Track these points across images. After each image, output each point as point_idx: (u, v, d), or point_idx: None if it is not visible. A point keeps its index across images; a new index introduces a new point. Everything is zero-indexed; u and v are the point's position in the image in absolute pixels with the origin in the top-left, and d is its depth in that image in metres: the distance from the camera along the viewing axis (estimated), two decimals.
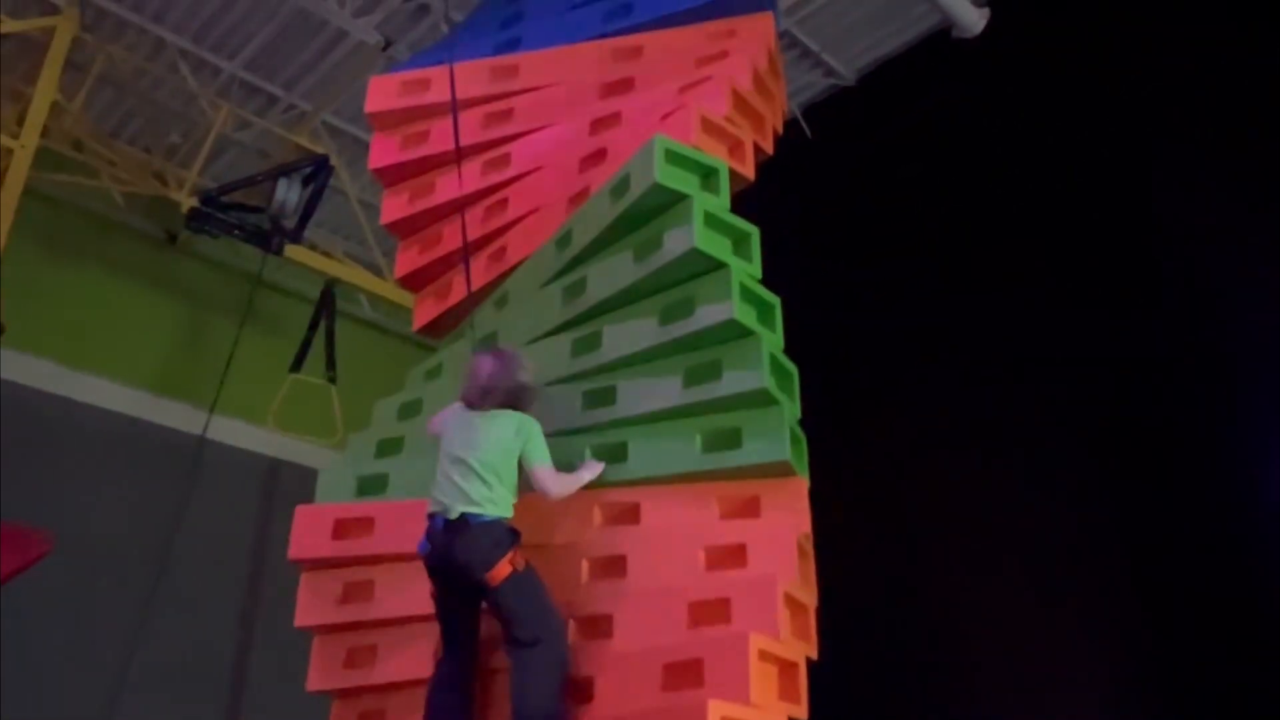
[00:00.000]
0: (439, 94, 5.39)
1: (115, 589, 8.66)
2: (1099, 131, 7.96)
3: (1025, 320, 7.95)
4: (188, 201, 9.01)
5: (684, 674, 3.61)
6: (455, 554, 3.83)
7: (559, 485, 4.04)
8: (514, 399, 4.10)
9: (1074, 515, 7.50)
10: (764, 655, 3.57)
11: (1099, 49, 8.03)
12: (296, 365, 9.44)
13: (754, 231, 4.35)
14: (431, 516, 3.94)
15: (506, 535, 3.87)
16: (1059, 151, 8.15)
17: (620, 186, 4.42)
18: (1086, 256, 7.85)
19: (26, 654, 7.90)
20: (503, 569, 3.79)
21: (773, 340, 4.18)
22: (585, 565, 4.08)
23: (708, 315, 4.10)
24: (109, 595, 8.62)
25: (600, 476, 4.17)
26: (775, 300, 4.28)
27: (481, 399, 4.08)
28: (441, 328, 5.36)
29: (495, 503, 3.89)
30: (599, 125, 5.00)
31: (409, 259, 5.47)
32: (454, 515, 3.86)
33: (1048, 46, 8.34)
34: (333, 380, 9.48)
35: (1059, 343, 7.78)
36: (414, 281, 5.50)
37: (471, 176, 5.20)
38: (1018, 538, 7.61)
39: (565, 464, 4.25)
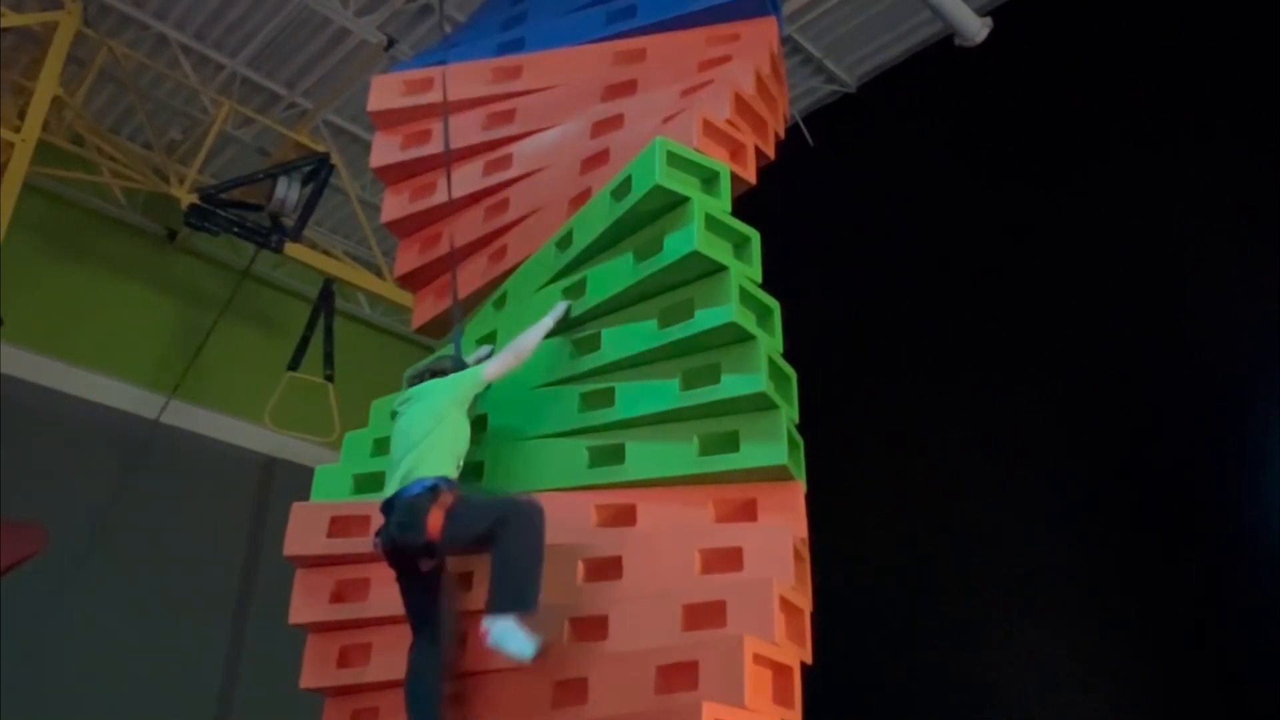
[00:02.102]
0: (441, 94, 5.40)
1: (110, 584, 8.65)
2: (1101, 140, 7.98)
3: (1025, 327, 7.96)
4: (187, 198, 9.01)
5: (678, 676, 3.59)
6: (394, 534, 3.88)
7: (520, 347, 4.26)
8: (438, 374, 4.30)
9: (1073, 520, 7.51)
10: (759, 659, 3.56)
11: (1101, 58, 8.06)
12: (295, 363, 9.44)
13: (754, 235, 4.35)
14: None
15: (427, 491, 3.84)
16: (1060, 160, 8.16)
17: (621, 188, 4.42)
18: (1088, 264, 7.86)
19: (22, 650, 7.88)
20: (435, 520, 3.78)
21: (771, 344, 4.18)
22: (581, 566, 4.06)
23: (707, 318, 4.10)
24: (103, 590, 8.61)
25: (599, 476, 4.18)
26: (775, 304, 4.28)
27: (410, 383, 4.34)
28: (440, 327, 5.35)
29: (424, 466, 3.93)
30: (601, 127, 5.00)
31: (409, 258, 5.47)
32: (388, 493, 3.94)
33: (1050, 56, 8.36)
34: (330, 379, 9.47)
35: (1060, 350, 7.80)
36: (413, 281, 5.50)
37: (473, 177, 5.21)
38: (1015, 543, 7.62)
39: (564, 468, 4.27)
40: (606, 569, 4.00)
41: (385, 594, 4.36)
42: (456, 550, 3.94)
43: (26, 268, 8.75)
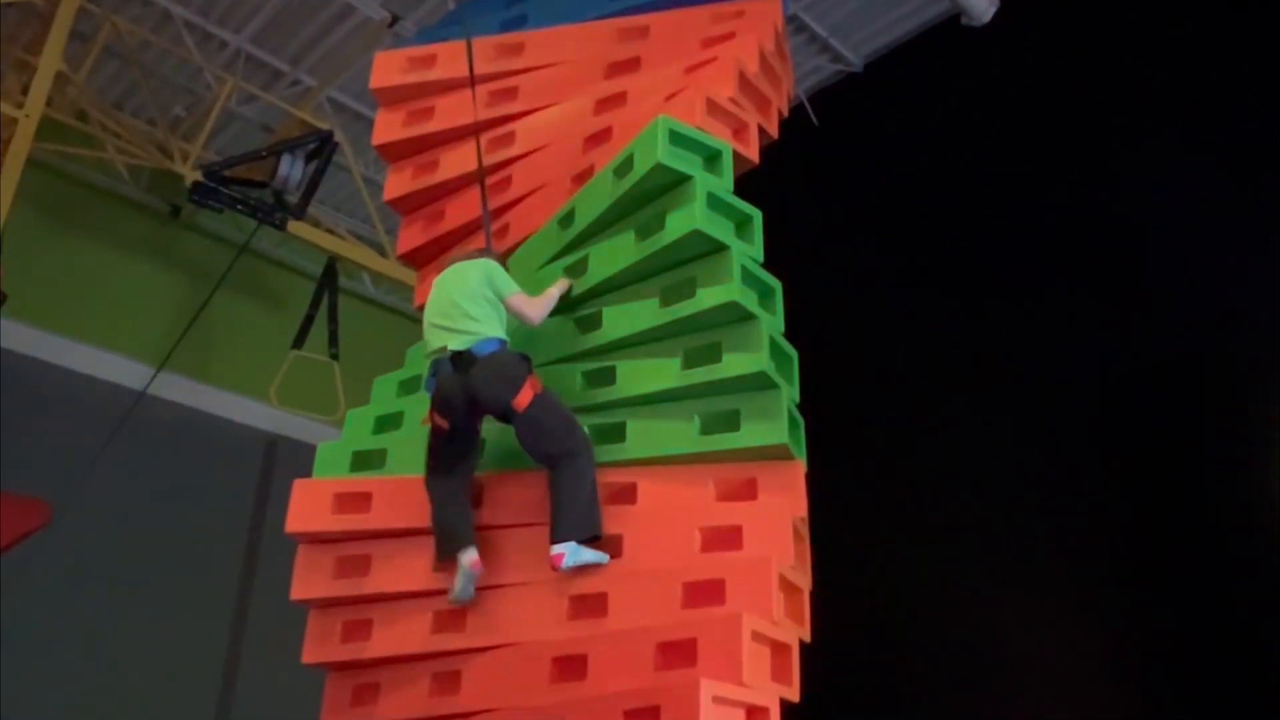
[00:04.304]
0: (444, 70, 5.38)
1: (113, 560, 8.69)
2: (1108, 122, 7.94)
3: (1029, 309, 7.95)
4: (191, 175, 8.99)
5: (677, 653, 3.62)
6: (475, 387, 4.02)
7: (536, 309, 4.27)
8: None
9: (1072, 498, 7.53)
10: (757, 636, 3.59)
11: (1109, 39, 8.01)
12: (299, 342, 9.44)
13: (756, 214, 4.34)
14: (436, 362, 4.15)
15: (519, 362, 4.08)
16: (1066, 141, 8.13)
17: (624, 166, 4.41)
18: (1093, 244, 7.84)
19: (23, 624, 7.92)
20: (526, 394, 3.97)
21: (773, 323, 4.18)
22: None
23: (708, 297, 4.10)
24: (106, 566, 8.64)
25: (599, 455, 4.19)
26: (776, 284, 4.28)
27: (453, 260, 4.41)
28: None
29: (487, 327, 4.11)
30: (604, 104, 4.99)
31: (411, 235, 5.47)
32: (456, 346, 4.07)
33: (1057, 36, 8.31)
34: (335, 356, 9.48)
35: (1063, 332, 7.79)
36: (416, 258, 5.50)
37: (474, 154, 5.19)
38: (1014, 523, 7.64)
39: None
40: (607, 547, 4.02)
41: (386, 570, 4.39)
42: (525, 437, 4.05)
43: (30, 243, 8.74)
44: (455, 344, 4.08)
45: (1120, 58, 7.92)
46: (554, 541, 3.92)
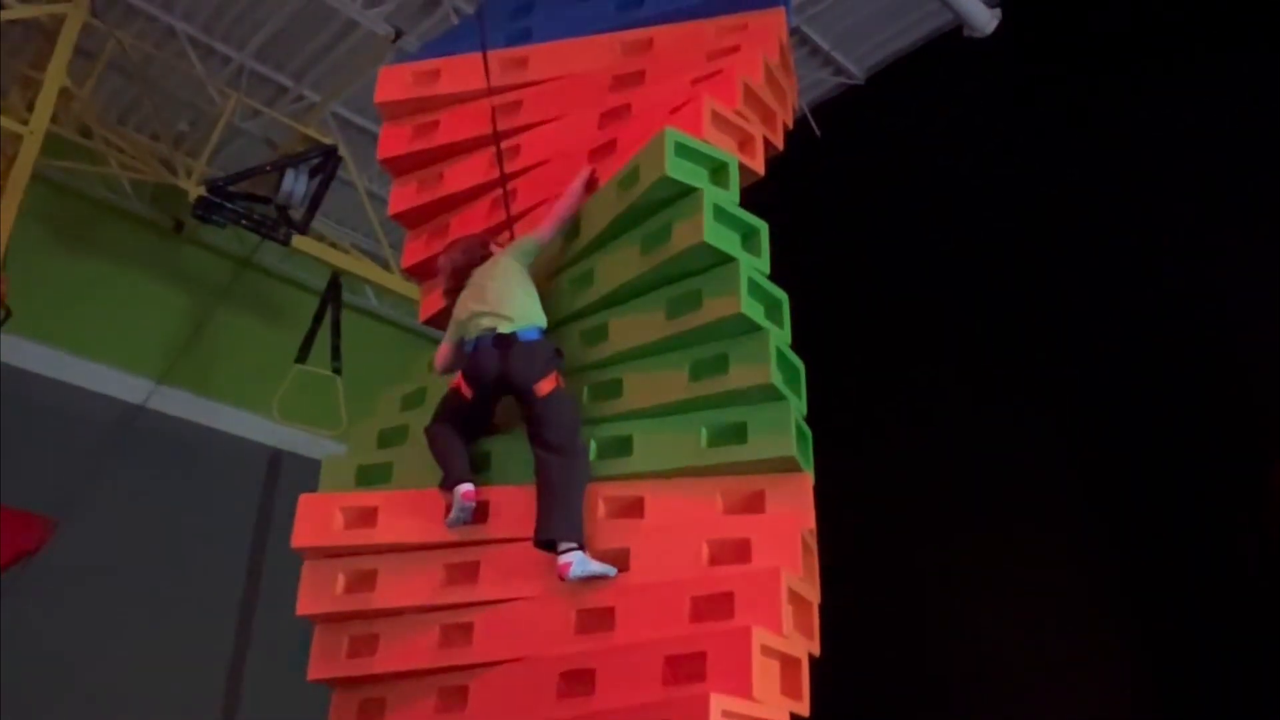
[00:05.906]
0: (449, 84, 5.39)
1: (116, 574, 8.67)
2: (1112, 130, 7.95)
3: (1034, 319, 7.94)
4: (195, 190, 9.01)
5: (686, 667, 3.59)
6: (509, 365, 4.18)
7: (557, 214, 4.55)
8: (482, 253, 4.62)
9: (1077, 513, 7.51)
10: (766, 650, 3.55)
11: (1112, 48, 8.02)
12: (302, 356, 9.44)
13: (763, 226, 4.33)
14: (477, 339, 4.28)
15: (554, 354, 4.25)
16: (1070, 152, 8.13)
17: (629, 179, 4.40)
18: (1097, 256, 7.83)
19: (25, 641, 7.90)
20: (550, 382, 4.14)
21: (780, 336, 4.16)
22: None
23: (715, 309, 4.09)
24: (109, 581, 8.62)
25: (606, 468, 4.18)
26: (783, 296, 4.27)
27: (460, 275, 4.59)
28: (448, 319, 5.33)
29: (530, 310, 4.31)
30: (609, 117, 4.97)
31: (416, 249, 5.46)
32: (504, 330, 4.23)
33: (1060, 46, 8.32)
34: (338, 371, 9.47)
35: (1068, 343, 7.78)
36: (421, 272, 5.49)
37: (479, 168, 5.19)
38: (1021, 536, 7.61)
39: None
40: (614, 561, 3.98)
41: (393, 585, 4.36)
42: (536, 422, 4.14)
43: (34, 259, 8.76)
44: (504, 327, 4.25)
45: (1124, 66, 7.93)
46: (540, 531, 3.95)
